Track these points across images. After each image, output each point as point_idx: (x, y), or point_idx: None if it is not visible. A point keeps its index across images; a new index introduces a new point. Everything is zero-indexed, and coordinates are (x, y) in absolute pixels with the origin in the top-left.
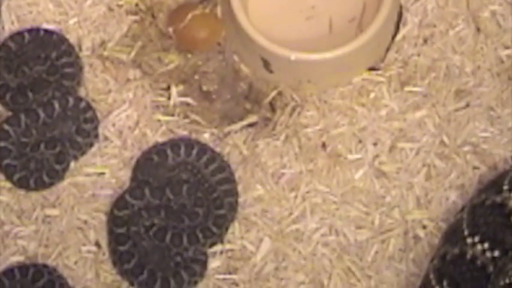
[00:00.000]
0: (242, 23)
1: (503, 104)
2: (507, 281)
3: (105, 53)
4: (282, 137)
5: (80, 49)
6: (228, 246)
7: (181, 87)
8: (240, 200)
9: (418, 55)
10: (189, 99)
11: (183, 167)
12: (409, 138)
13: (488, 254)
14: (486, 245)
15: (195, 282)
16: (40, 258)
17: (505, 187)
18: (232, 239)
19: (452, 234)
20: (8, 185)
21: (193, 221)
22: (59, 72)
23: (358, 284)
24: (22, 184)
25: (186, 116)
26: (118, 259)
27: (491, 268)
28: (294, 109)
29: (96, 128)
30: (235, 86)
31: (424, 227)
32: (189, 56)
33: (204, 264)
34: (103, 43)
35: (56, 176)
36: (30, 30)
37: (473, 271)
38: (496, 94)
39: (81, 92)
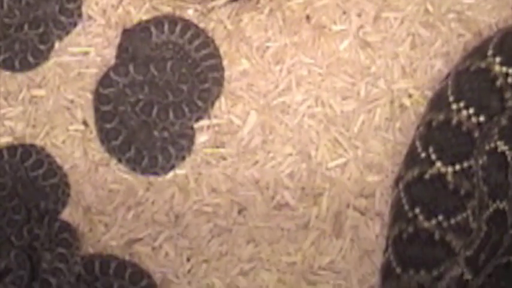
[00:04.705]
0: None
1: None
2: (492, 145)
3: None
4: (266, 11)
5: None
6: (214, 120)
7: None
8: (226, 74)
9: None
10: None
11: (167, 44)
12: (393, 7)
13: (473, 120)
14: (471, 111)
15: (183, 157)
16: (28, 138)
17: (490, 52)
18: (218, 113)
19: (437, 101)
20: None
21: (178, 97)
22: None
23: (345, 154)
24: (7, 65)
25: None
26: (105, 136)
27: (476, 133)
28: None
29: (79, 7)
30: None
31: (410, 96)
32: None
33: (191, 139)
34: None
35: (41, 56)
36: None
37: (458, 137)
38: None
39: None
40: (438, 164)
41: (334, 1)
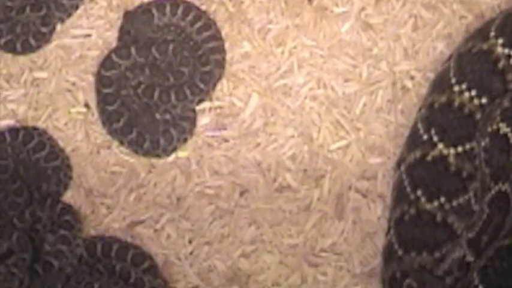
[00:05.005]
0: None
1: None
2: (494, 127)
3: None
4: None
5: None
6: (216, 103)
7: None
8: (227, 57)
9: None
10: None
11: (169, 26)
12: None
13: (475, 101)
14: (473, 92)
15: (185, 139)
16: (30, 121)
17: (492, 34)
18: (220, 96)
19: (439, 83)
20: None
21: (179, 79)
22: None
23: (347, 136)
24: (9, 48)
25: None
26: (107, 119)
27: (478, 115)
28: None
29: None
30: None
31: (412, 78)
32: None
33: (192, 121)
34: None
35: (43, 38)
36: None
37: (460, 119)
38: None
39: None
40: (440, 146)
41: None
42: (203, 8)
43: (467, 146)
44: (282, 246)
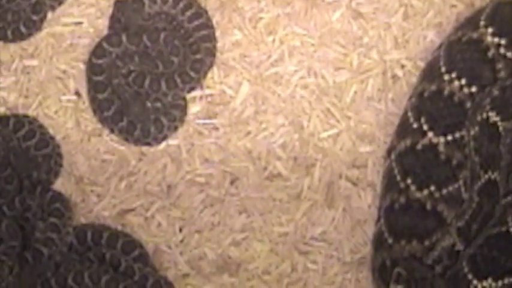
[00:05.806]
0: None
1: None
2: (484, 116)
3: None
4: None
5: None
6: (207, 91)
7: None
8: (218, 45)
9: None
10: None
11: (160, 14)
12: None
13: (465, 90)
14: (463, 81)
15: (175, 128)
16: (20, 108)
17: (482, 23)
18: (211, 84)
19: (429, 72)
20: None
21: (169, 68)
22: None
23: (338, 124)
24: (0, 36)
25: None
26: (97, 107)
27: (468, 104)
28: None
29: None
30: None
31: (403, 67)
32: None
33: (183, 109)
34: None
35: (34, 26)
36: None
37: (450, 107)
38: None
39: None
40: (430, 134)
41: None
42: None
43: (457, 135)
44: (272, 234)
